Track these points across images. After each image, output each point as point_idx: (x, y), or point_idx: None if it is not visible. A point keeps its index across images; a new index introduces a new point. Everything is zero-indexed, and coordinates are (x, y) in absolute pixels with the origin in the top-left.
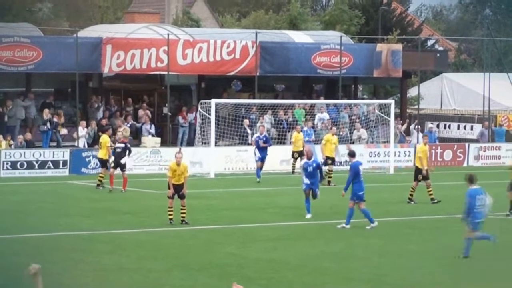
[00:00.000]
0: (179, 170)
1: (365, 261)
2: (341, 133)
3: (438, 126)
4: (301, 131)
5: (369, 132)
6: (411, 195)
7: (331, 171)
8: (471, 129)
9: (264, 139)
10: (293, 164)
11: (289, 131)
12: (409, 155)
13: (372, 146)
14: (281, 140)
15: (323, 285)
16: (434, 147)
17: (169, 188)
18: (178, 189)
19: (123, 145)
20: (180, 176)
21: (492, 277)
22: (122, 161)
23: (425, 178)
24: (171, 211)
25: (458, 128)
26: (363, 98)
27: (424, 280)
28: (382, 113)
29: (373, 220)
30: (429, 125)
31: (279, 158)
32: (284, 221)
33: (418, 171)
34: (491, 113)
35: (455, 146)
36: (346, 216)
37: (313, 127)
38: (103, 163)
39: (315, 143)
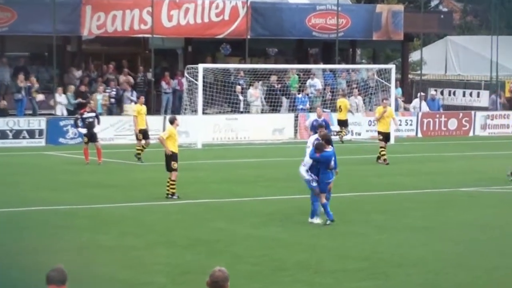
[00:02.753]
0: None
1: (364, 238)
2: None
3: (442, 93)
4: (294, 98)
5: (368, 99)
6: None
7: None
8: (478, 96)
9: (324, 124)
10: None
11: (288, 98)
12: (411, 124)
13: (371, 114)
14: (274, 108)
15: (318, 263)
16: (437, 115)
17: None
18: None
19: (93, 114)
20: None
21: (502, 254)
22: (95, 130)
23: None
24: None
25: (464, 95)
26: (361, 63)
27: (427, 257)
28: (382, 79)
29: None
30: (432, 91)
31: (271, 127)
32: (277, 195)
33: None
34: (499, 79)
35: (460, 114)
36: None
37: (307, 94)
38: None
39: (309, 111)
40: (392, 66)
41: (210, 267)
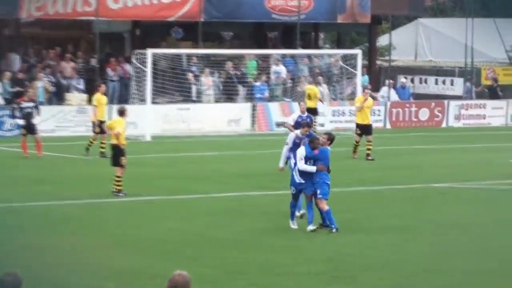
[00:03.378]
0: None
1: (330, 238)
2: (299, 89)
3: (412, 81)
4: (252, 86)
5: (332, 88)
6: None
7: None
8: (451, 84)
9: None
10: None
11: (244, 86)
12: (379, 115)
13: (335, 104)
14: (230, 97)
15: (280, 265)
16: (408, 105)
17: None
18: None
19: (32, 104)
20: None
21: (479, 256)
22: (34, 121)
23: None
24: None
25: (436, 83)
26: (325, 48)
27: (399, 259)
28: (347, 65)
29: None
30: (401, 79)
31: (226, 118)
32: (233, 192)
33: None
34: (475, 66)
35: (432, 104)
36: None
37: (266, 82)
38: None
39: (268, 100)
40: (358, 52)
41: (161, 271)
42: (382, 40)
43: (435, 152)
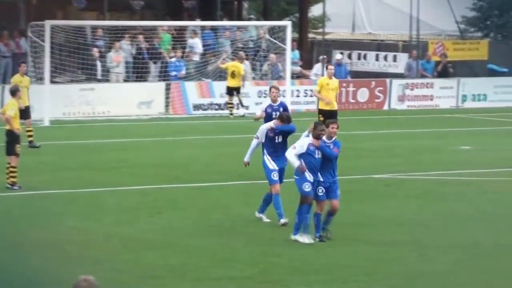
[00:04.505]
0: None
1: (254, 237)
2: (221, 65)
3: (349, 57)
4: (166, 63)
5: (258, 65)
6: None
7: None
8: (394, 60)
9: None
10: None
11: (156, 63)
12: (310, 96)
13: (261, 83)
14: (141, 76)
15: (197, 269)
16: (344, 84)
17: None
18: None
19: None
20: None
21: (426, 258)
22: None
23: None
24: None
25: (377, 59)
26: (249, 19)
27: (334, 262)
28: (275, 39)
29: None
30: (337, 55)
31: (136, 100)
32: (144, 185)
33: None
34: (421, 39)
35: (373, 83)
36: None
37: (182, 58)
38: None
39: (184, 79)
40: (287, 23)
41: (64, 275)
42: (315, 10)
43: (376, 138)
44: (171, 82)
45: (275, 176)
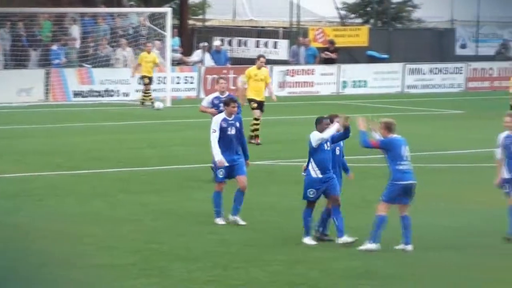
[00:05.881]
0: None
1: (137, 225)
2: (101, 53)
3: (230, 43)
4: (48, 51)
5: (139, 52)
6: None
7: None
8: (275, 46)
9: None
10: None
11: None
12: (192, 82)
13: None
14: (20, 63)
15: (79, 256)
16: (224, 71)
17: None
18: None
19: None
20: None
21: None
22: None
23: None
24: None
25: (257, 45)
26: (130, 6)
27: (215, 249)
28: (155, 25)
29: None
30: (217, 41)
31: (16, 87)
32: (26, 172)
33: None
34: (302, 26)
35: None
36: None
37: (63, 45)
38: None
39: (64, 66)
40: (167, 10)
41: None
42: None
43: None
44: (51, 69)
45: (221, 174)
